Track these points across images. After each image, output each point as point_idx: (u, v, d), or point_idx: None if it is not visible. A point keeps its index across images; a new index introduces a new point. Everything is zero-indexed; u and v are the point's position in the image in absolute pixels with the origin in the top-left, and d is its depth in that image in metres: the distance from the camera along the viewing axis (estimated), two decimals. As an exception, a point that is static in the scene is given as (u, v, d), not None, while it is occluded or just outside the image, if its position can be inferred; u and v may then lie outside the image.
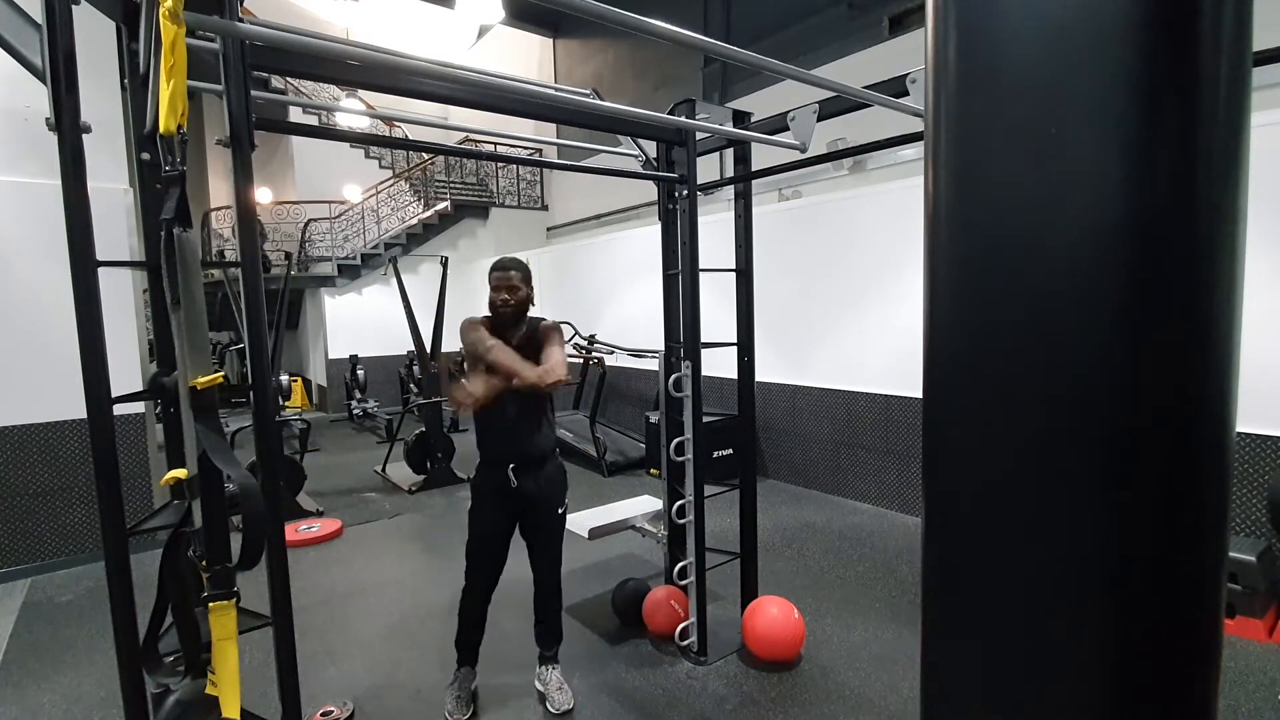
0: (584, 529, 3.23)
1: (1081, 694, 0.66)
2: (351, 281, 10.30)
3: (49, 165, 1.50)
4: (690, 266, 2.79)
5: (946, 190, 0.71)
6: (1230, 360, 0.64)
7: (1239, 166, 0.63)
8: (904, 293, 4.73)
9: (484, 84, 1.95)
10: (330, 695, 2.64)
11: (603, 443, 6.28)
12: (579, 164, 4.25)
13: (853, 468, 5.15)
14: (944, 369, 0.75)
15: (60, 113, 1.29)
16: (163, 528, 1.70)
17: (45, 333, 3.92)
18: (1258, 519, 3.21)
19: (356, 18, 12.81)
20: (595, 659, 2.91)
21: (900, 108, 2.30)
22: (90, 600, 3.64)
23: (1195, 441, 0.64)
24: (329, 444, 8.10)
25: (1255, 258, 2.97)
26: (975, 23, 0.67)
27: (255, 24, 1.66)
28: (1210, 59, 0.60)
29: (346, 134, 5.62)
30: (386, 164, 12.08)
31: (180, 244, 1.22)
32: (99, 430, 1.38)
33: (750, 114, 2.98)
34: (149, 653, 1.43)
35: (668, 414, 2.92)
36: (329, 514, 5.07)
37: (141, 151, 1.65)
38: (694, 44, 1.66)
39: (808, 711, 2.51)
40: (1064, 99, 0.62)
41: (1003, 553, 0.70)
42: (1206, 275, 0.62)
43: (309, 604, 3.52)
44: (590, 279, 8.16)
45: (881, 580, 3.65)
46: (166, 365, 1.61)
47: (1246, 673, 2.65)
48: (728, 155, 3.67)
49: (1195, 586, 0.65)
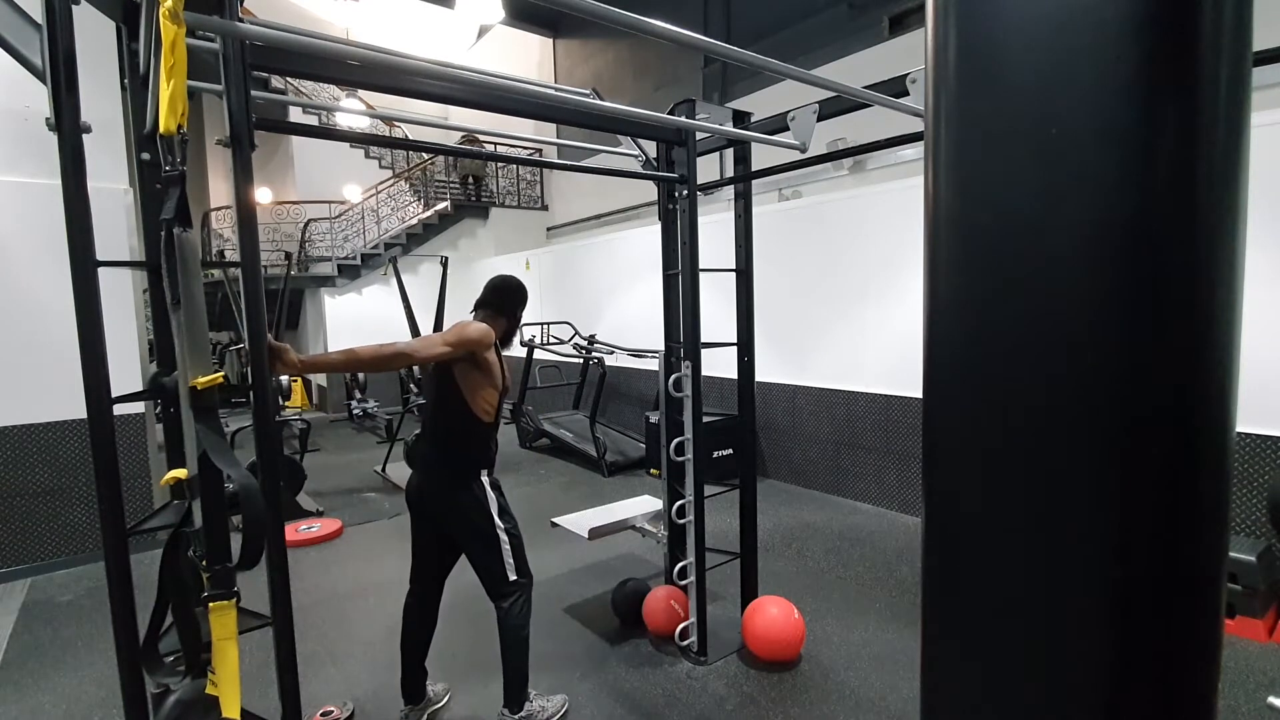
0: (584, 529, 3.23)
1: (1081, 694, 0.66)
2: (351, 281, 10.31)
3: (49, 165, 1.50)
4: (690, 266, 2.79)
5: (946, 190, 0.71)
6: (1230, 360, 0.64)
7: (1239, 166, 0.63)
8: (904, 293, 4.73)
9: (484, 84, 1.95)
10: (330, 695, 2.64)
11: (603, 443, 6.28)
12: (579, 164, 4.25)
13: (853, 468, 5.15)
14: (944, 369, 0.75)
15: (60, 113, 1.29)
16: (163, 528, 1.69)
17: (45, 333, 3.92)
18: (1258, 519, 3.21)
19: (356, 18, 12.82)
20: (595, 659, 2.91)
21: (900, 108, 2.30)
22: (90, 600, 3.64)
23: (1195, 441, 0.64)
24: (329, 444, 8.10)
25: (1255, 258, 2.97)
26: (975, 23, 0.67)
27: (255, 24, 1.66)
28: (1210, 59, 0.60)
29: (346, 134, 5.60)
30: (386, 164, 12.09)
31: (180, 244, 1.22)
32: (99, 430, 1.38)
33: (750, 114, 2.99)
34: (149, 653, 1.43)
35: (668, 414, 2.92)
36: (329, 514, 5.07)
37: (141, 151, 1.64)
38: (694, 44, 1.66)
39: (808, 711, 2.51)
40: (1064, 99, 0.62)
41: (1002, 553, 0.70)
42: (1206, 275, 0.62)
43: (309, 604, 3.52)
44: (590, 279, 8.16)
45: (881, 580, 3.65)
46: (166, 365, 1.60)
47: (1246, 673, 2.65)
48: (728, 155, 3.67)
49: (1195, 586, 0.65)
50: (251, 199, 1.60)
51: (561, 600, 3.48)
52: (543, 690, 2.60)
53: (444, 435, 2.34)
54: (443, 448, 2.35)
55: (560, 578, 3.79)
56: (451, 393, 2.29)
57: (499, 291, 2.45)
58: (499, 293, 2.45)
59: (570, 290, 8.51)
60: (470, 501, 2.29)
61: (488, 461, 2.35)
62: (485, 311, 2.42)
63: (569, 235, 11.25)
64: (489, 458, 2.36)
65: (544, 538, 4.27)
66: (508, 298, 2.46)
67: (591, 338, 7.22)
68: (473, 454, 2.32)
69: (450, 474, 2.31)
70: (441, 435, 2.35)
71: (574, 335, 7.26)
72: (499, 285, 2.47)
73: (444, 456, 2.34)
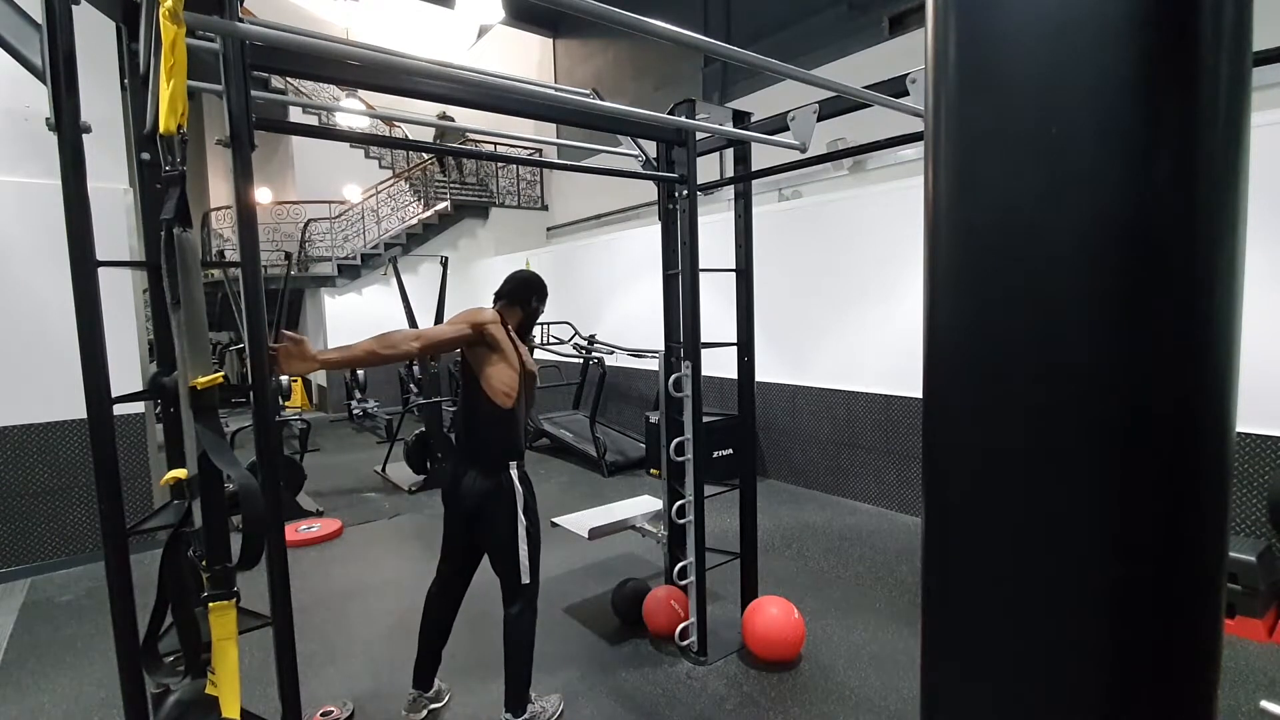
0: (584, 529, 3.23)
1: (1081, 693, 0.66)
2: (351, 281, 10.31)
3: (49, 165, 1.50)
4: (690, 266, 2.79)
5: (946, 190, 0.71)
6: (1230, 360, 0.64)
7: (1239, 166, 0.63)
8: (904, 293, 4.73)
9: (484, 84, 1.95)
10: (330, 695, 2.64)
11: (603, 443, 6.28)
12: (579, 164, 4.25)
13: (853, 468, 5.15)
14: (944, 369, 0.75)
15: (60, 113, 1.29)
16: (163, 528, 1.69)
17: (45, 333, 3.92)
18: (1258, 519, 3.21)
19: (356, 18, 12.82)
20: (595, 659, 2.91)
21: (900, 108, 2.30)
22: (90, 600, 3.64)
23: (1195, 441, 0.64)
24: (329, 444, 8.10)
25: (1255, 258, 2.97)
26: (975, 23, 0.67)
27: (255, 24, 1.66)
28: (1210, 59, 0.60)
29: (346, 134, 5.61)
30: (386, 164, 12.09)
31: (180, 244, 1.22)
32: (99, 430, 1.38)
33: (750, 114, 2.98)
34: (149, 653, 1.43)
35: (668, 414, 2.92)
36: (329, 514, 5.07)
37: (141, 151, 1.64)
38: (694, 44, 1.66)
39: (808, 711, 2.51)
40: (1064, 99, 0.62)
41: (1002, 552, 0.70)
42: (1206, 275, 0.62)
43: (309, 604, 3.52)
44: (590, 279, 8.16)
45: (881, 580, 3.65)
46: (166, 365, 1.60)
47: (1246, 673, 2.65)
48: (728, 155, 3.67)
49: (1195, 586, 0.65)
50: (251, 199, 1.60)
51: (561, 600, 3.48)
52: (541, 690, 2.60)
53: (471, 425, 2.37)
54: (471, 437, 2.37)
55: (560, 578, 3.79)
56: (470, 379, 2.34)
57: (514, 282, 2.50)
58: (514, 283, 2.50)
59: (570, 290, 8.51)
60: (497, 494, 2.31)
61: (516, 452, 2.36)
62: (502, 302, 2.47)
63: (569, 235, 11.26)
64: (517, 448, 2.37)
65: (544, 538, 4.27)
66: (521, 287, 2.49)
67: (591, 338, 7.22)
68: (499, 443, 2.32)
69: (479, 465, 2.33)
70: (470, 425, 2.38)
71: (574, 335, 7.26)
72: (516, 276, 2.53)
73: (472, 446, 2.36)
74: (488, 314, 2.30)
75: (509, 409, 2.32)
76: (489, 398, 2.29)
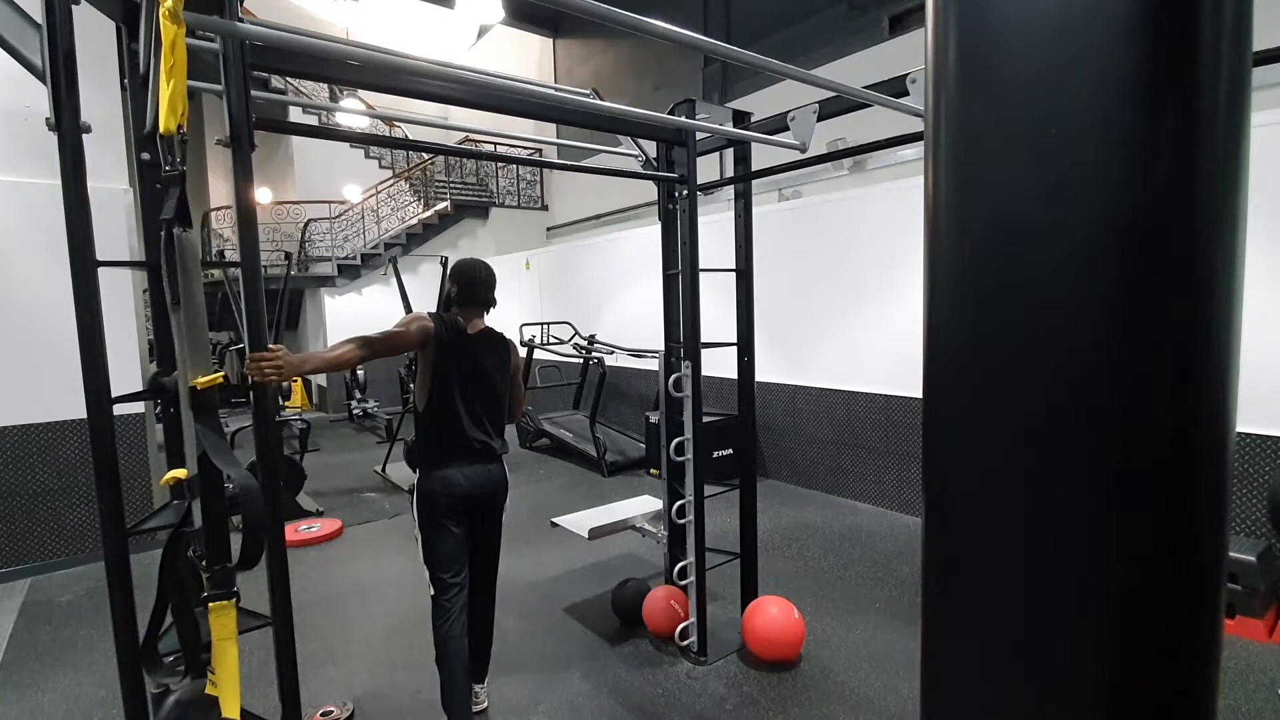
0: (584, 529, 3.23)
1: (1081, 694, 0.66)
2: (351, 281, 10.31)
3: (49, 165, 1.50)
4: (690, 266, 2.79)
5: (946, 190, 0.71)
6: (1230, 360, 0.64)
7: (1239, 166, 0.63)
8: (904, 293, 4.73)
9: (484, 84, 1.95)
10: (330, 695, 2.64)
11: (603, 443, 6.28)
12: (579, 164, 4.25)
13: (853, 468, 5.15)
14: (944, 369, 0.75)
15: (60, 113, 1.29)
16: (163, 528, 1.69)
17: (45, 333, 3.91)
18: (1258, 519, 3.21)
19: (356, 18, 12.81)
20: (595, 659, 2.91)
21: (900, 108, 2.30)
22: (90, 600, 3.64)
23: (1195, 441, 0.64)
24: (329, 444, 8.10)
25: (1255, 257, 2.97)
26: (975, 23, 0.67)
27: (255, 24, 1.66)
28: (1210, 59, 0.60)
29: (346, 134, 5.62)
30: (386, 164, 12.09)
31: (180, 244, 1.22)
32: (99, 430, 1.38)
33: (750, 114, 2.98)
34: (149, 653, 1.43)
35: (668, 414, 2.92)
36: (329, 514, 5.07)
37: (141, 151, 1.65)
38: (694, 44, 1.66)
39: (808, 711, 2.51)
40: (1064, 99, 0.62)
41: (1002, 552, 0.70)
42: (1206, 275, 0.62)
43: (309, 604, 3.52)
44: (590, 279, 8.16)
45: (881, 580, 3.65)
46: (166, 365, 1.61)
47: (1246, 673, 2.65)
48: (728, 155, 3.67)
49: (1195, 586, 0.65)
50: (251, 199, 1.61)
51: (561, 600, 3.48)
52: (540, 690, 2.63)
53: (495, 417, 2.41)
54: (494, 428, 2.40)
55: (560, 578, 3.79)
56: (497, 373, 2.41)
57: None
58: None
59: (570, 290, 8.51)
60: (506, 483, 2.44)
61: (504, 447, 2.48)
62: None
63: (569, 235, 11.25)
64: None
65: (544, 538, 4.28)
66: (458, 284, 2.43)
67: (591, 338, 7.22)
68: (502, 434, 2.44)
69: (498, 457, 2.41)
70: (494, 418, 2.41)
71: (574, 335, 7.26)
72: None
73: (489, 438, 2.37)
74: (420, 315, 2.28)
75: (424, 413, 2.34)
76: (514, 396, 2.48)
